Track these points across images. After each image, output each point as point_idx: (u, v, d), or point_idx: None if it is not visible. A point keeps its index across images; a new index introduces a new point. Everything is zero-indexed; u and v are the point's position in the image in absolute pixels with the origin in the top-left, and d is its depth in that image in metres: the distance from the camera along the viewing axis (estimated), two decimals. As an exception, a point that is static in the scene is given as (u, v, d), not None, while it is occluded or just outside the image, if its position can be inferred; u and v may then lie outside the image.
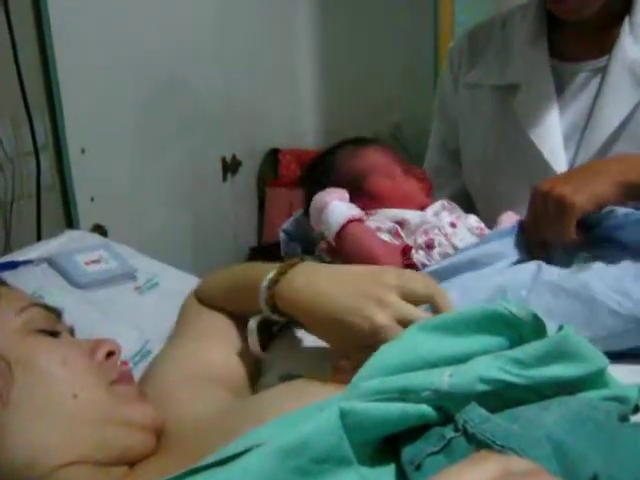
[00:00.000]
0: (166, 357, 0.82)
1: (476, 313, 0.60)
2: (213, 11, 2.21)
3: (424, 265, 0.90)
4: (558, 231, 0.87)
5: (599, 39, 1.03)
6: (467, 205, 1.19)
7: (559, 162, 1.04)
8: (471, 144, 1.19)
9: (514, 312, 0.59)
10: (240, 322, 0.88)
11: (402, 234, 0.94)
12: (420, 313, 0.66)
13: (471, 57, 1.17)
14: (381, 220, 0.96)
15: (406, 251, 0.91)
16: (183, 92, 2.10)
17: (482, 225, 0.98)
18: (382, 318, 0.65)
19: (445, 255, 0.91)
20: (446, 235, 0.93)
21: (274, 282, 0.75)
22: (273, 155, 2.60)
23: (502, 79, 1.11)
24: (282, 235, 1.08)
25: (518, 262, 0.91)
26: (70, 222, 1.71)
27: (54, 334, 0.66)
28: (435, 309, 0.67)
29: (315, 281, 0.73)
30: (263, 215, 2.59)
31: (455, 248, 0.91)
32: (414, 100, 2.45)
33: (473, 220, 0.98)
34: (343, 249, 0.91)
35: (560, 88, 1.05)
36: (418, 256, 0.91)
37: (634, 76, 0.99)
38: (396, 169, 1.03)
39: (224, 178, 2.36)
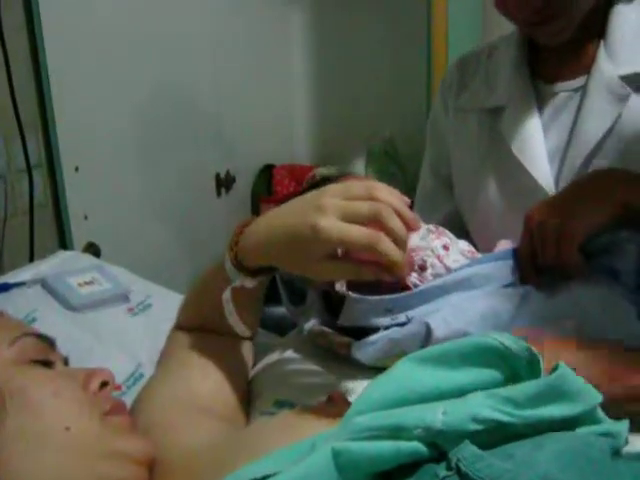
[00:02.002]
0: (156, 386, 0.82)
1: (469, 345, 0.60)
2: (208, 28, 2.21)
3: (416, 286, 0.90)
4: (558, 258, 0.87)
5: (577, 60, 1.06)
6: (461, 229, 1.20)
7: (545, 178, 1.06)
8: (461, 168, 1.21)
9: (507, 345, 0.59)
10: (226, 346, 0.90)
11: None
12: (361, 206, 0.68)
13: (460, 84, 1.21)
14: None
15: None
16: (177, 109, 2.10)
17: (473, 249, 0.98)
18: (322, 220, 0.68)
19: (438, 276, 0.91)
20: (439, 257, 0.92)
21: (235, 243, 0.78)
22: (267, 171, 2.60)
23: (488, 102, 1.14)
24: None
25: (509, 285, 0.91)
26: (63, 240, 1.71)
27: (47, 364, 0.66)
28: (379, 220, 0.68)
29: (268, 219, 0.76)
30: (257, 231, 2.58)
31: (448, 269, 0.91)
32: (407, 116, 2.46)
33: (464, 244, 0.98)
34: None
35: (543, 108, 1.09)
36: (410, 277, 0.91)
37: (611, 93, 1.01)
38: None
39: (218, 194, 2.35)
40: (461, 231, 1.19)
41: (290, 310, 0.98)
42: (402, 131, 2.54)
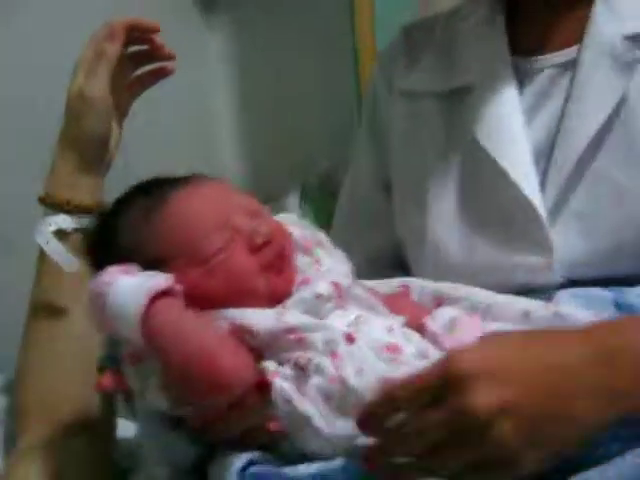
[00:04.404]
0: None
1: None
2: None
3: (288, 403, 0.55)
4: None
5: (568, 25, 0.81)
6: (401, 265, 0.93)
7: (529, 181, 0.78)
8: (407, 173, 0.93)
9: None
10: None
11: (246, 337, 0.59)
12: None
13: (407, 60, 0.95)
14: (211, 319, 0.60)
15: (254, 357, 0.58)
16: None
17: (397, 341, 0.61)
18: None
19: (326, 395, 0.55)
20: (334, 356, 0.57)
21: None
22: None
23: (448, 83, 0.88)
24: None
25: None
26: None
27: None
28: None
29: None
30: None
31: (350, 390, 0.54)
32: (344, 143, 2.21)
33: (380, 328, 0.62)
34: (154, 349, 0.57)
35: (523, 90, 0.83)
36: (281, 380, 0.57)
37: (614, 61, 0.76)
38: (213, 240, 0.63)
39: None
40: (399, 269, 0.92)
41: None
42: (340, 161, 2.29)
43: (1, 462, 0.78)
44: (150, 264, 0.63)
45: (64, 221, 0.77)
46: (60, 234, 0.77)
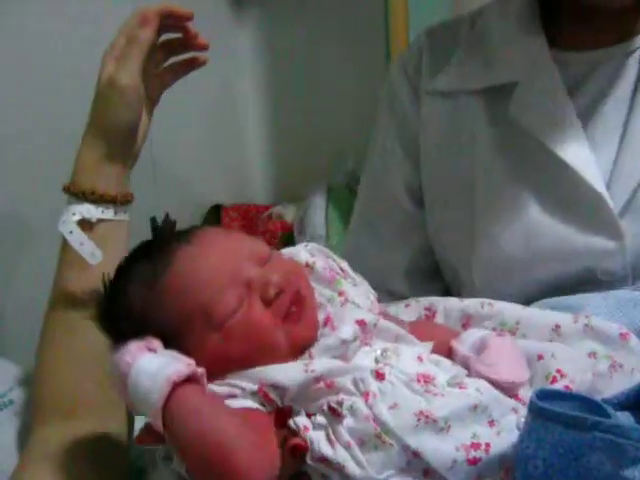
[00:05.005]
0: None
1: None
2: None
3: (323, 459, 0.54)
4: None
5: (625, 20, 0.80)
6: (433, 272, 0.91)
7: (593, 172, 0.77)
8: (451, 170, 0.91)
9: None
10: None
11: (274, 396, 0.57)
12: None
13: (434, 60, 0.93)
14: (236, 381, 0.58)
15: (284, 415, 0.57)
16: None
17: (428, 369, 0.59)
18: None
19: (360, 436, 0.54)
20: (366, 395, 0.56)
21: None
22: (215, 213, 2.29)
23: (487, 80, 0.86)
24: None
25: None
26: None
27: None
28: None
29: None
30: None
31: (385, 427, 0.53)
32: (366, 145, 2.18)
33: (409, 359, 0.60)
34: (172, 439, 0.55)
35: (575, 83, 0.81)
36: (312, 432, 0.55)
37: None
38: (226, 298, 0.60)
39: (154, 242, 2.03)
40: (435, 278, 0.91)
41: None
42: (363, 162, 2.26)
43: (16, 454, 0.77)
44: (166, 331, 0.61)
45: (88, 211, 0.76)
46: (84, 224, 0.76)
